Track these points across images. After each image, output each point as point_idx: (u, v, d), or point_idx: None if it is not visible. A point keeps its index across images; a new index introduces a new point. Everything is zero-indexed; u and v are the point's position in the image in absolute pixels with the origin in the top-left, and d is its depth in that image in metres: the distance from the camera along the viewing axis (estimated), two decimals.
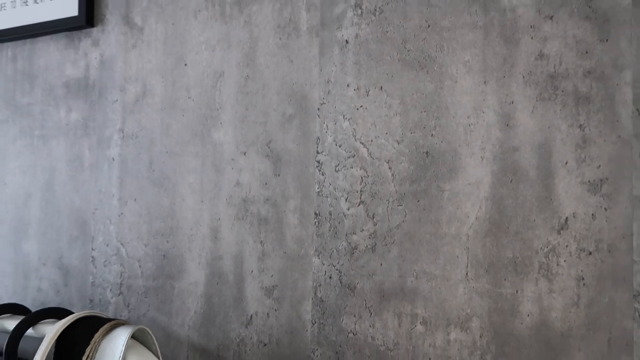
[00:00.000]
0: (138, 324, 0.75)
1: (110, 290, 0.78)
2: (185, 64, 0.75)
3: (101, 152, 0.80)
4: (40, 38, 0.88)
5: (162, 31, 0.77)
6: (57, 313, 0.46)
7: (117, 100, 0.80)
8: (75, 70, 0.84)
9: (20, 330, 0.43)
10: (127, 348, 0.40)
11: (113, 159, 0.79)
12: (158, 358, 0.42)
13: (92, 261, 0.80)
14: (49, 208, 0.84)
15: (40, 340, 0.42)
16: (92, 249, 0.80)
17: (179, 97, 0.75)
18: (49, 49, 0.87)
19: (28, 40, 0.89)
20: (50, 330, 0.41)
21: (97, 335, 0.41)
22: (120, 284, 0.77)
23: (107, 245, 0.79)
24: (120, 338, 0.40)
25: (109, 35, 0.81)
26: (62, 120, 0.84)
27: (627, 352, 0.50)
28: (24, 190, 0.87)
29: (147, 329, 0.43)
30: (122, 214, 0.78)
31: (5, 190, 0.89)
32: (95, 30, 0.82)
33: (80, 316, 0.42)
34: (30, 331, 0.44)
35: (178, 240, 0.73)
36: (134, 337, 0.43)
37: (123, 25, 0.80)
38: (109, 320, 0.43)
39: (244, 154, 0.69)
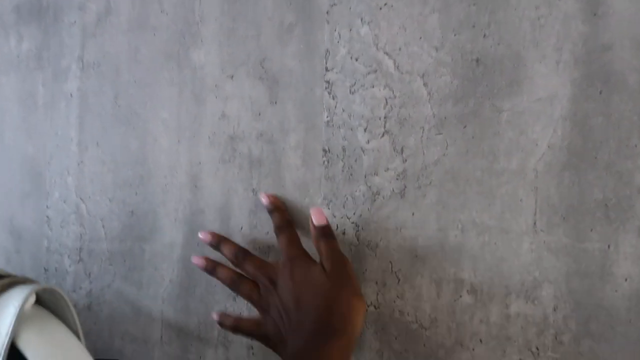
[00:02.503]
0: (102, 296, 0.60)
1: (69, 256, 0.63)
2: None
3: (57, 87, 0.65)
4: None
5: None
6: None
7: (75, 22, 0.64)
8: None
9: None
10: (23, 320, 0.25)
11: (71, 95, 0.64)
12: (77, 333, 0.27)
13: (47, 222, 0.65)
14: None
15: None
16: (47, 207, 0.65)
17: (149, 12, 0.59)
18: None
19: None
20: None
21: None
22: (80, 248, 0.62)
23: (65, 201, 0.64)
24: (10, 305, 0.25)
25: None
26: (12, 52, 0.69)
27: None
28: None
29: (57, 289, 0.28)
30: (82, 162, 0.63)
31: None
32: None
33: None
34: None
35: (149, 192, 0.58)
36: (39, 301, 0.28)
37: None
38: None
39: (231, 77, 0.54)
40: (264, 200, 0.48)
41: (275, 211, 0.48)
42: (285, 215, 0.48)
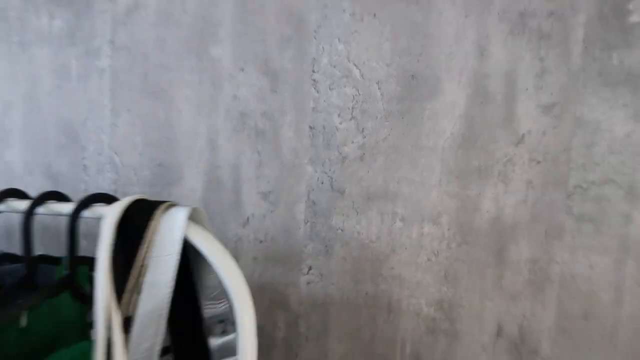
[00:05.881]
0: None
1: None
2: None
3: (90, 63, 0.81)
4: None
5: None
6: (105, 199, 0.51)
7: (106, 10, 0.80)
8: None
9: (78, 211, 0.48)
10: (188, 224, 0.47)
11: (103, 70, 0.81)
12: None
13: (83, 169, 0.83)
14: (32, 117, 0.85)
15: (97, 219, 0.48)
16: (83, 158, 0.83)
17: (173, 11, 0.77)
18: None
19: None
20: (110, 210, 0.47)
21: (157, 212, 0.47)
22: (115, 190, 0.82)
23: (100, 154, 0.82)
24: (180, 214, 0.47)
25: None
26: (43, 28, 0.83)
27: (559, 238, 0.65)
28: (3, 98, 0.86)
29: (201, 209, 0.50)
30: (114, 124, 0.81)
31: None
32: None
33: (136, 198, 0.48)
34: (85, 213, 0.50)
35: (175, 150, 0.79)
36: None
37: None
38: (163, 202, 0.49)
39: (242, 70, 0.75)
40: None
41: None
42: None
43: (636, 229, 0.63)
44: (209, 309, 0.50)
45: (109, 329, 0.45)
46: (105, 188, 0.82)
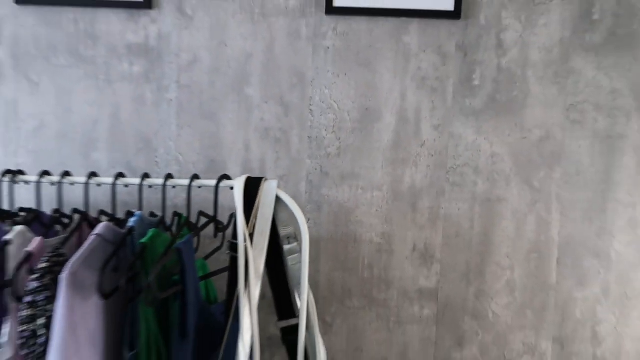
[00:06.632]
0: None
1: None
2: (226, 45, 1.24)
3: (161, 95, 1.26)
4: (100, 9, 1.24)
5: (208, 21, 1.24)
6: (227, 177, 0.98)
7: (173, 62, 1.25)
8: (136, 37, 1.25)
9: (218, 184, 0.96)
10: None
11: (171, 100, 1.26)
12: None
13: (155, 164, 1.27)
14: (115, 130, 1.27)
15: (227, 188, 0.95)
16: (155, 157, 1.27)
17: (221, 66, 1.24)
18: (110, 19, 1.24)
19: (88, 9, 1.24)
20: (238, 182, 0.95)
21: (262, 182, 0.96)
22: (179, 177, 1.27)
23: (168, 154, 1.27)
24: (274, 183, 0.97)
25: (165, 17, 1.24)
26: (125, 71, 1.25)
27: (442, 195, 1.25)
28: (91, 118, 1.26)
29: (279, 181, 0.99)
30: (179, 135, 1.26)
31: (72, 115, 1.27)
32: (152, 12, 1.24)
33: (247, 176, 0.97)
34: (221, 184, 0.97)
35: (222, 151, 1.26)
36: None
37: (176, 12, 1.24)
38: (261, 177, 0.98)
39: (266, 102, 1.25)
40: None
41: None
42: None
43: (480, 189, 1.24)
44: (282, 231, 1.01)
45: (244, 238, 0.94)
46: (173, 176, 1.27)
